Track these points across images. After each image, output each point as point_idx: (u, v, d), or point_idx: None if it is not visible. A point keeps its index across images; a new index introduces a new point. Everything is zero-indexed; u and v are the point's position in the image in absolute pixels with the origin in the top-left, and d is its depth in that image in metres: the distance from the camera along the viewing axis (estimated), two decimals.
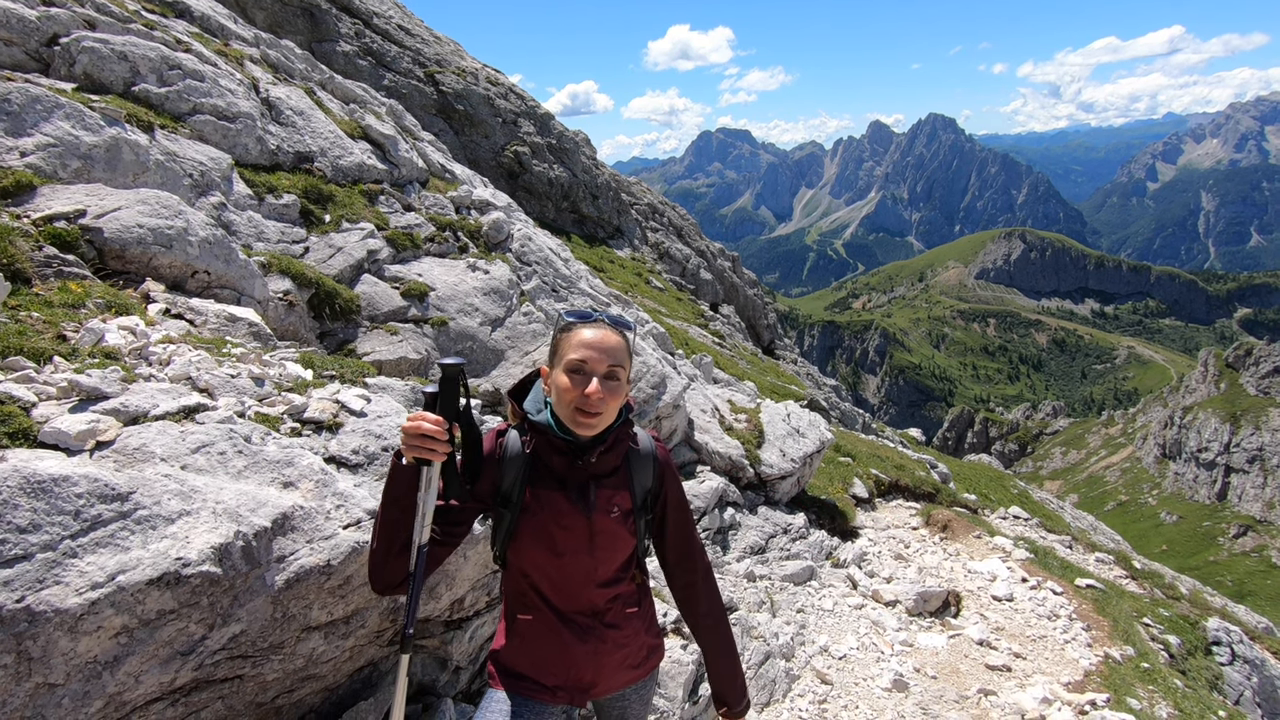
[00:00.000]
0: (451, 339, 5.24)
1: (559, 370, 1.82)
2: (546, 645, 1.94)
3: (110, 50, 4.42)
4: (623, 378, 1.84)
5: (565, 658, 1.93)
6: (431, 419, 1.70)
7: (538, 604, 1.93)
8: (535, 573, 1.91)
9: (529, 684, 1.96)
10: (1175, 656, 6.24)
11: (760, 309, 35.41)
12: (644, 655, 2.07)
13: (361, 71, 21.57)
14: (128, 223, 3.25)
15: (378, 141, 6.50)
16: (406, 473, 1.74)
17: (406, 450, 1.71)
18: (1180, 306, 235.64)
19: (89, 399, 2.08)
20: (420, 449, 1.69)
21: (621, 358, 1.83)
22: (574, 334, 1.82)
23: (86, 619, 1.68)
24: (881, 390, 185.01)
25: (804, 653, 5.14)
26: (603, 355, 1.79)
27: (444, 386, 1.75)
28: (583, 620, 1.93)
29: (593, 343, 1.79)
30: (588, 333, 1.81)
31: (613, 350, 1.80)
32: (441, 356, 5.08)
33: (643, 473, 1.98)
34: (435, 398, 1.76)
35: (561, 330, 1.86)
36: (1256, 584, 53.84)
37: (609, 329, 1.84)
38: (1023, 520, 11.04)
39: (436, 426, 1.69)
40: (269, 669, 2.19)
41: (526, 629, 1.95)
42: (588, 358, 1.78)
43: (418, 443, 1.68)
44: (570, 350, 1.80)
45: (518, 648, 1.97)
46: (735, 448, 7.39)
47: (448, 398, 1.75)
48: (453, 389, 1.75)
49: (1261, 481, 68.33)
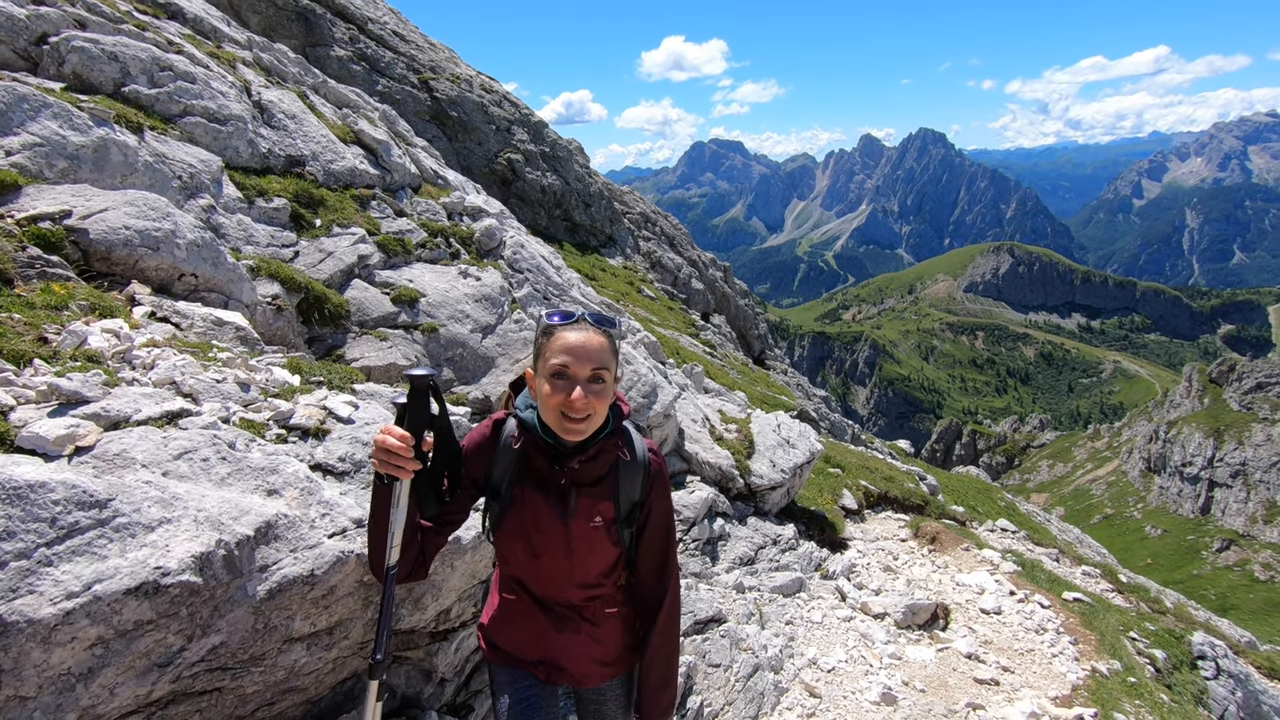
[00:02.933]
0: (442, 345, 5.21)
1: (543, 376, 1.76)
2: (527, 625, 1.99)
3: (100, 50, 4.38)
4: (609, 379, 1.77)
5: (543, 640, 1.98)
6: (396, 434, 1.63)
7: (519, 589, 1.98)
8: (515, 564, 1.94)
9: (510, 655, 2.04)
10: (1161, 671, 6.26)
11: (751, 319, 35.51)
12: (619, 653, 2.06)
13: (355, 77, 21.54)
14: (114, 224, 3.21)
15: (370, 146, 6.48)
16: (381, 489, 1.70)
17: (376, 466, 1.67)
18: (1165, 322, 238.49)
19: (69, 403, 2.03)
20: (387, 465, 1.64)
21: (607, 359, 1.76)
22: (556, 338, 1.74)
23: (61, 630, 1.63)
24: (871, 402, 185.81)
25: (793, 665, 5.11)
26: (586, 359, 1.72)
27: (412, 398, 1.67)
28: (561, 610, 1.96)
29: (575, 347, 1.72)
30: (571, 336, 1.74)
31: (597, 353, 1.73)
32: (430, 363, 5.04)
33: (630, 483, 1.93)
34: (404, 410, 1.67)
35: (544, 333, 1.79)
36: (1239, 598, 54.25)
37: (592, 330, 1.76)
38: (1010, 533, 11.08)
39: (401, 442, 1.62)
40: (249, 681, 2.14)
41: (510, 607, 2.01)
42: (570, 363, 1.71)
43: (383, 458, 1.63)
44: (553, 355, 1.73)
45: (502, 621, 2.04)
46: (725, 458, 7.37)
47: (416, 410, 1.67)
48: (421, 401, 1.67)
49: (1244, 496, 69.00)
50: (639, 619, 2.07)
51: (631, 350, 6.92)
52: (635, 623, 2.10)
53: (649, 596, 2.04)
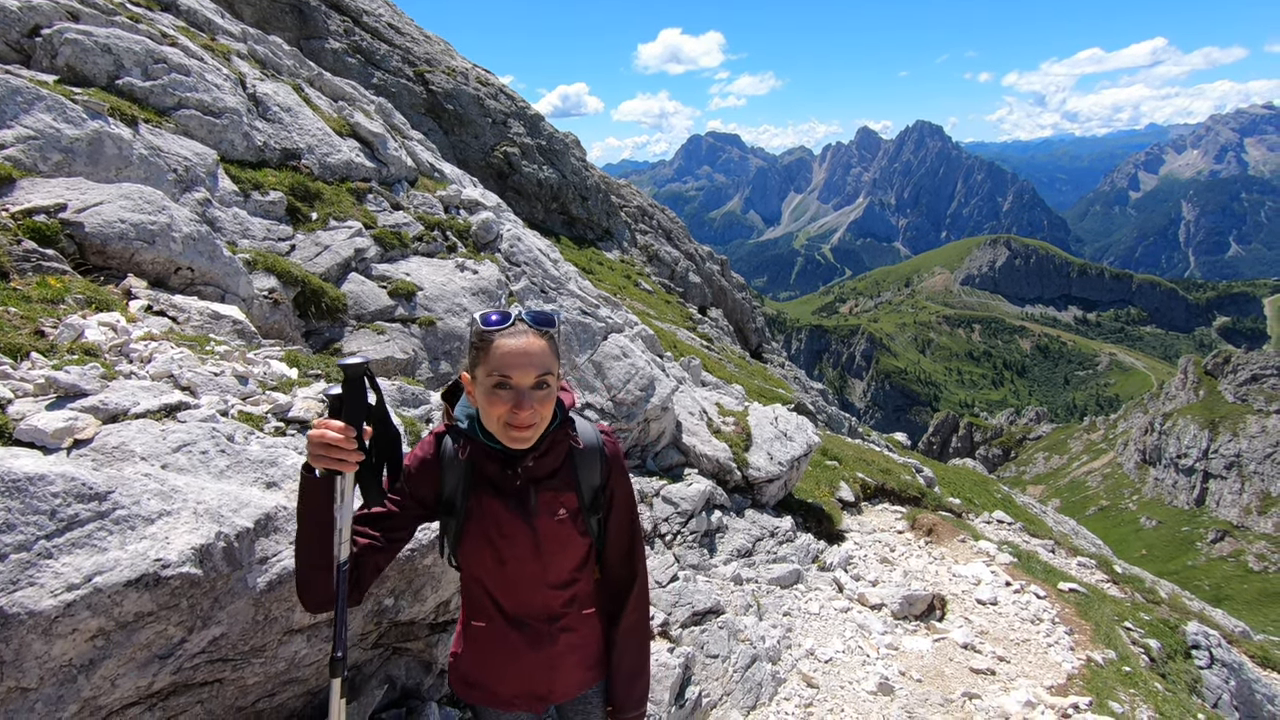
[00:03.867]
0: (439, 339, 5.20)
1: (484, 386, 1.66)
2: (500, 654, 1.88)
3: (94, 43, 4.35)
4: (553, 383, 1.69)
5: (518, 667, 1.87)
6: (336, 426, 1.56)
7: (490, 610, 1.86)
8: (485, 578, 1.84)
9: (485, 691, 1.92)
10: (1155, 660, 6.31)
11: (748, 312, 35.52)
12: (600, 656, 2.01)
13: (350, 69, 21.42)
14: (109, 218, 3.20)
15: (366, 139, 6.45)
16: (318, 485, 1.61)
17: (313, 461, 1.58)
18: (1161, 314, 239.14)
19: (67, 396, 2.03)
20: (327, 459, 1.57)
21: (549, 363, 1.67)
22: (495, 346, 1.64)
23: (61, 621, 1.64)
24: (868, 394, 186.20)
25: (790, 656, 5.14)
26: (529, 366, 1.63)
27: (348, 389, 1.60)
28: (536, 624, 1.86)
29: (516, 355, 1.62)
30: (510, 343, 1.64)
31: (538, 358, 1.64)
32: (429, 356, 5.04)
33: (589, 470, 1.87)
34: (340, 401, 1.60)
35: (479, 339, 1.67)
36: (1233, 588, 54.63)
37: (531, 333, 1.66)
38: (1006, 524, 11.12)
39: (341, 435, 1.56)
40: (250, 672, 2.15)
41: (481, 635, 1.88)
42: (512, 372, 1.62)
43: (323, 452, 1.56)
44: (493, 363, 1.63)
45: (473, 655, 1.91)
46: (723, 450, 7.39)
47: (353, 401, 1.61)
48: (359, 391, 1.61)
49: (1239, 487, 69.37)
50: (610, 606, 2.00)
51: (629, 343, 6.92)
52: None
53: (618, 583, 1.99)
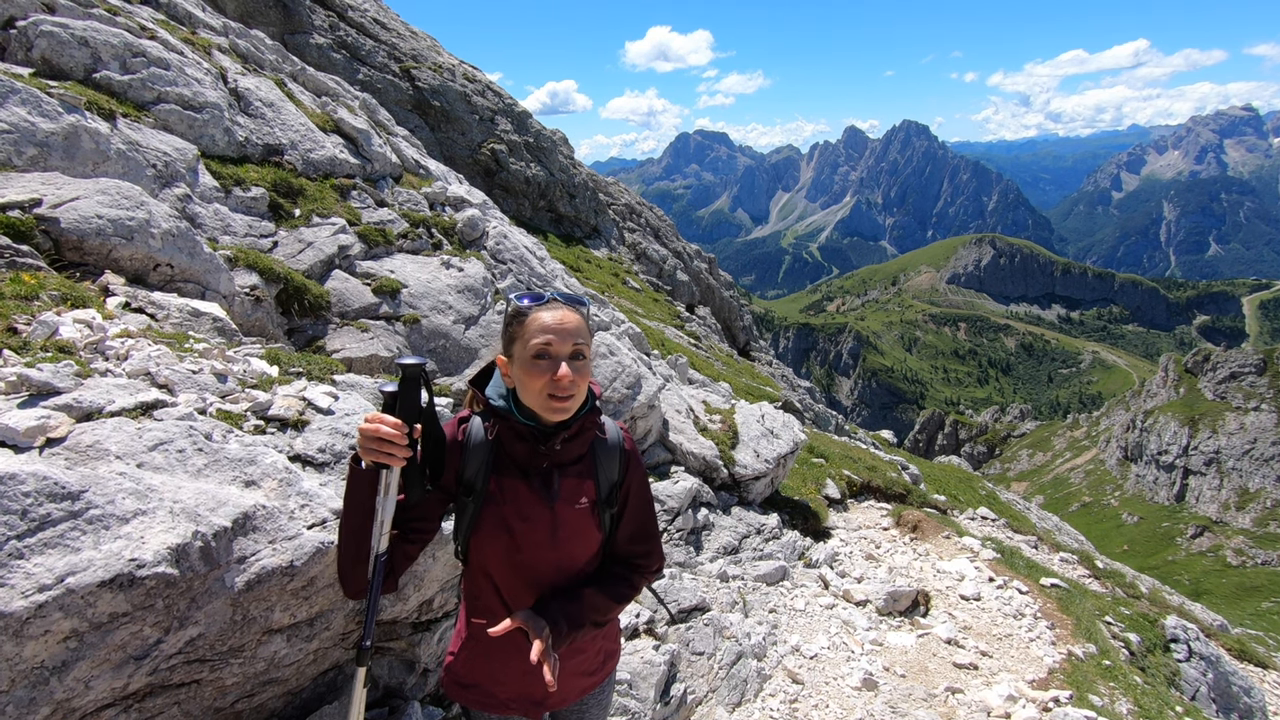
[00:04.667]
0: (424, 337, 5.17)
1: (522, 360, 1.72)
2: (500, 655, 1.88)
3: (70, 35, 4.28)
4: (588, 355, 1.76)
5: (518, 669, 1.87)
6: (390, 422, 1.62)
7: (495, 607, 1.85)
8: (495, 569, 1.84)
9: (480, 693, 1.92)
10: (1135, 654, 6.40)
11: (736, 310, 35.59)
12: (600, 661, 2.03)
13: (335, 65, 21.21)
14: (86, 213, 3.15)
15: (350, 135, 6.40)
16: (366, 477, 1.67)
17: (364, 454, 1.64)
18: (1142, 313, 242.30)
19: (40, 394, 2.00)
20: (378, 453, 1.62)
21: (584, 335, 1.75)
22: (532, 319, 1.72)
23: (33, 623, 1.61)
24: (855, 392, 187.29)
25: (776, 652, 5.16)
26: (566, 336, 1.70)
27: (404, 387, 1.67)
28: None
29: (553, 326, 1.70)
30: (546, 315, 1.71)
31: (575, 329, 1.72)
32: (413, 354, 5.01)
33: (609, 464, 1.91)
34: (395, 398, 1.67)
35: (515, 316, 1.75)
36: (1212, 583, 55.51)
37: (566, 308, 1.74)
38: (990, 521, 11.23)
39: (395, 430, 1.62)
40: (228, 673, 2.13)
41: (482, 635, 1.87)
42: (552, 341, 1.69)
43: (375, 446, 1.61)
44: (532, 336, 1.70)
45: (471, 656, 1.91)
46: (709, 448, 7.40)
47: (408, 399, 1.67)
48: (414, 389, 1.68)
49: (1218, 484, 70.48)
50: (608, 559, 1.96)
51: (616, 341, 6.91)
52: (616, 625, 2.08)
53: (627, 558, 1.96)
